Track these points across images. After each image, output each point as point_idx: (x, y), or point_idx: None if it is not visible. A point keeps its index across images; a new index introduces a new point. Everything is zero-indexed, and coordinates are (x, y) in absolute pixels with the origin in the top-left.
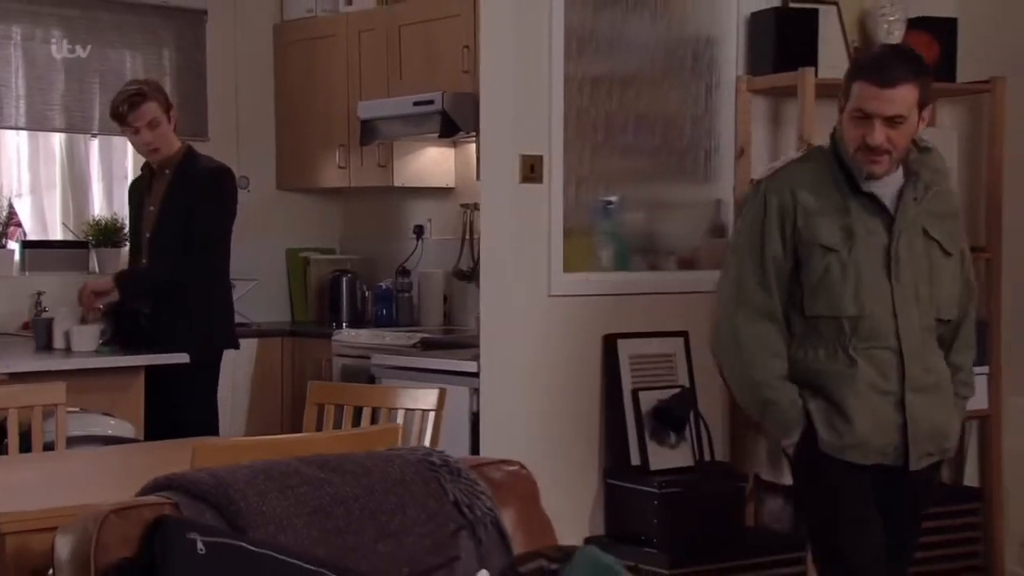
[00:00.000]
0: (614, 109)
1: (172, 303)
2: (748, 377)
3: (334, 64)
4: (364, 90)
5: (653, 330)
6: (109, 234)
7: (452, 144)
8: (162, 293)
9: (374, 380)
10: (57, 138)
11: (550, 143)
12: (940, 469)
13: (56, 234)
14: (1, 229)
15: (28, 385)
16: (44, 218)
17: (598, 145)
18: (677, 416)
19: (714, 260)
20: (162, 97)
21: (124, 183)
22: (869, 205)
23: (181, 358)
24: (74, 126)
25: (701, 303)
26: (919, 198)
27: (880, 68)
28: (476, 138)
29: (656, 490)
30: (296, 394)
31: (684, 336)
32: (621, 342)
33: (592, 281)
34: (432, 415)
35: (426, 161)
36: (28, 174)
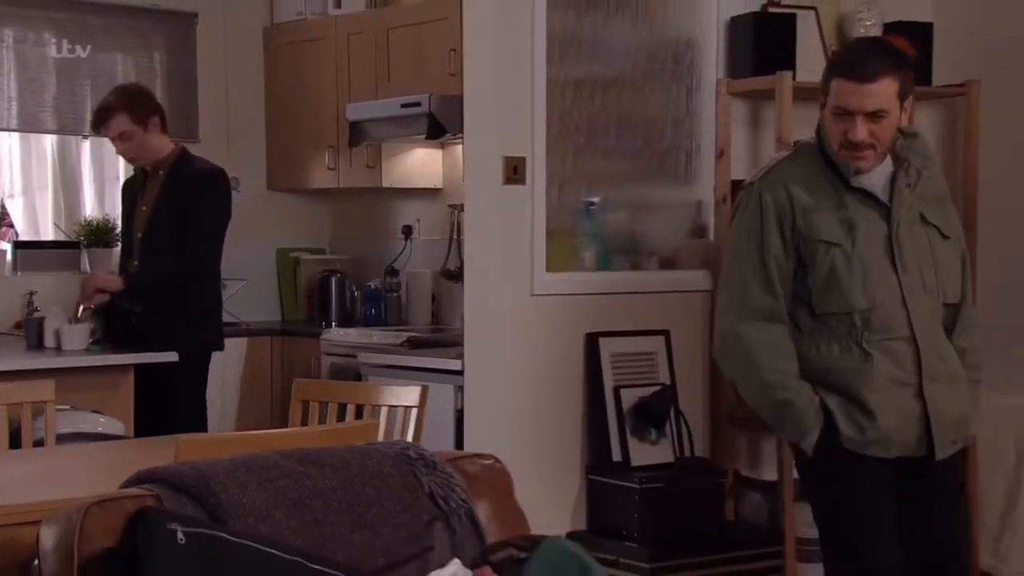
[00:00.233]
0: (596, 111)
1: (166, 304)
2: (760, 380)
3: (323, 66)
4: (353, 92)
5: (634, 329)
6: (100, 234)
7: (440, 145)
8: (158, 294)
9: (361, 378)
10: (49, 140)
11: (533, 145)
12: (964, 456)
13: (48, 235)
14: None
15: (17, 383)
16: (36, 219)
17: (580, 147)
18: (658, 413)
19: (695, 260)
20: (136, 107)
21: (116, 184)
22: (863, 197)
23: (170, 357)
24: (66, 128)
25: (682, 302)
26: (912, 184)
27: (857, 64)
28: (463, 140)
29: (637, 485)
30: (286, 393)
31: (665, 335)
32: (603, 340)
33: (574, 280)
34: (415, 412)
35: (414, 162)
36: (20, 175)
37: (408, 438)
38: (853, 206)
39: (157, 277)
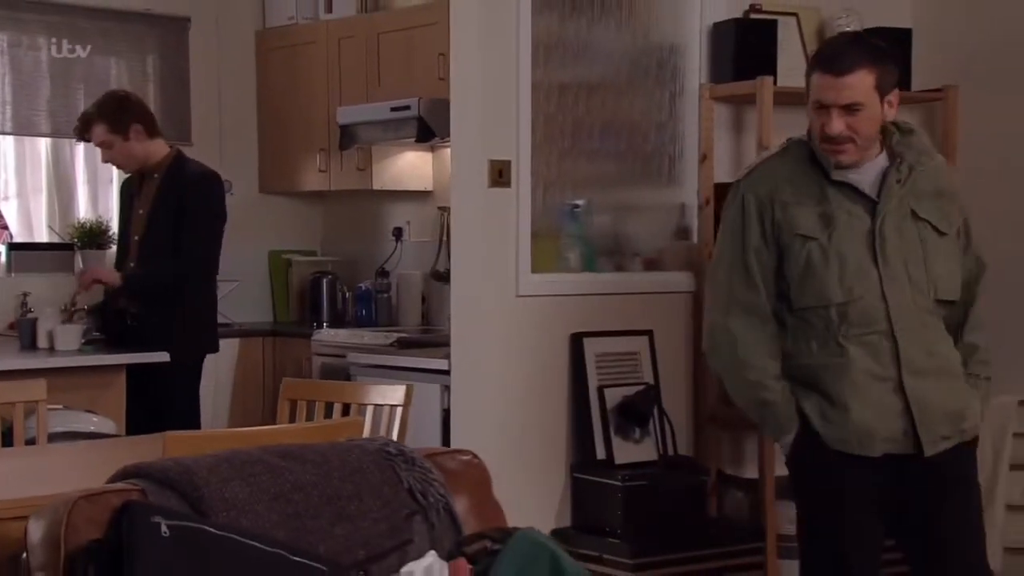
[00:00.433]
0: (581, 115)
1: (163, 305)
2: (743, 378)
3: (314, 70)
4: (343, 96)
5: (619, 329)
6: (94, 236)
7: (430, 148)
8: (155, 296)
9: (351, 378)
10: (43, 142)
11: (518, 148)
12: (973, 449)
13: (42, 236)
14: None
15: (9, 383)
16: (30, 221)
17: (565, 150)
18: (641, 412)
19: (678, 262)
20: (112, 117)
21: (109, 186)
22: (847, 192)
23: (161, 357)
24: (60, 131)
25: (666, 303)
26: (902, 180)
27: (833, 58)
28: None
29: (621, 483)
30: (277, 393)
31: (649, 335)
32: (587, 340)
33: (559, 282)
34: (400, 410)
35: (404, 165)
36: (15, 178)
37: (393, 436)
38: (835, 200)
39: (154, 279)
